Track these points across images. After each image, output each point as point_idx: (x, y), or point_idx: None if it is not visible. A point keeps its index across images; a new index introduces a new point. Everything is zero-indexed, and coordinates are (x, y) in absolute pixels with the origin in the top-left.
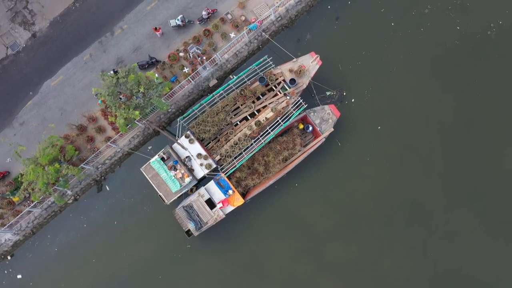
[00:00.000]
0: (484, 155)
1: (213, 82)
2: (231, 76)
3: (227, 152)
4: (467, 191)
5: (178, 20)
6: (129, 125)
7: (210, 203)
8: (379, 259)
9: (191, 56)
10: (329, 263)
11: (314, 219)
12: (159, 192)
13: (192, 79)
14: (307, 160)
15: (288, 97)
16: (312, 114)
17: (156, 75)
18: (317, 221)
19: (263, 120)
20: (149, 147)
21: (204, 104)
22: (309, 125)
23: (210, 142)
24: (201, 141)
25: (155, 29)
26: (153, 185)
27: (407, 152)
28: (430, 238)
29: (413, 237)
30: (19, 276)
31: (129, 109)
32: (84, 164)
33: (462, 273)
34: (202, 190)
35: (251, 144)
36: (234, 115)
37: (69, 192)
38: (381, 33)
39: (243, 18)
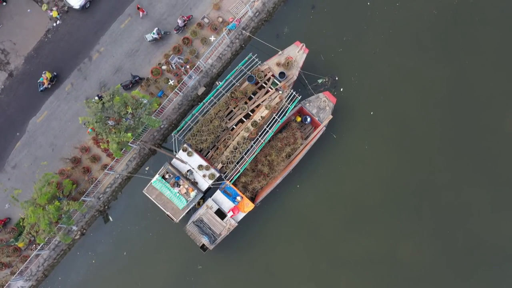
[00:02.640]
0: (483, 122)
1: (202, 90)
2: (217, 83)
3: (228, 159)
4: (472, 160)
5: (154, 33)
6: (123, 149)
7: (220, 214)
8: (395, 246)
9: (174, 67)
10: (346, 259)
11: (322, 218)
12: (166, 211)
13: (180, 91)
14: (305, 159)
15: (280, 92)
16: (307, 104)
17: (149, 97)
18: (325, 219)
19: (259, 119)
20: (147, 168)
21: (196, 114)
22: (307, 116)
23: (209, 152)
24: (200, 152)
25: (138, 8)
26: (158, 205)
27: (405, 132)
28: (444, 215)
29: (426, 217)
30: None
31: (120, 133)
32: (84, 197)
33: (483, 244)
34: (209, 201)
35: (251, 146)
36: (229, 119)
37: (74, 228)
38: (359, 16)
39: (220, 19)
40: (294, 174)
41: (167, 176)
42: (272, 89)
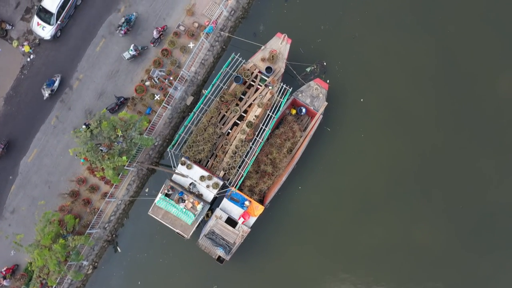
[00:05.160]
0: (477, 88)
1: (190, 99)
2: (203, 91)
3: (229, 164)
4: (473, 130)
5: (131, 50)
6: (121, 174)
7: (231, 222)
8: (409, 231)
9: (157, 81)
10: (361, 252)
11: (330, 215)
12: (175, 229)
13: (167, 104)
14: (303, 158)
15: (270, 87)
16: (300, 95)
17: (137, 116)
18: (334, 216)
19: (254, 119)
20: (146, 190)
21: (189, 125)
22: (302, 108)
23: (208, 161)
24: (199, 162)
25: None
26: (166, 224)
27: (399, 112)
28: (453, 191)
29: (435, 196)
30: None
31: (114, 158)
32: (89, 230)
33: (497, 214)
34: (218, 211)
35: (251, 148)
36: (223, 124)
37: (85, 262)
38: (332, 2)
39: (196, 24)
40: (295, 176)
41: (167, 191)
42: (261, 86)
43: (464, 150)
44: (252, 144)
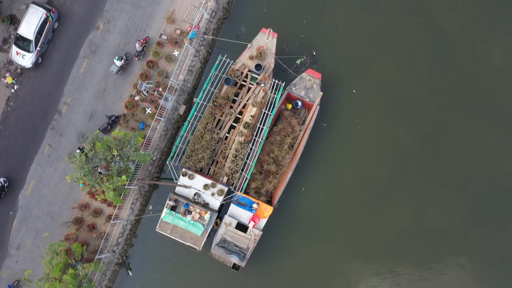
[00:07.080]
0: (469, 62)
1: (182, 108)
2: (194, 99)
3: (232, 169)
4: (472, 105)
5: (117, 59)
6: (122, 194)
7: (242, 227)
8: (422, 217)
9: (146, 94)
10: (377, 245)
11: (339, 212)
12: (185, 242)
13: (160, 116)
14: (302, 159)
15: (262, 85)
16: (294, 88)
17: (131, 133)
18: (343, 212)
19: (250, 119)
20: (150, 207)
21: (185, 134)
22: (297, 101)
23: (210, 168)
24: (201, 171)
25: None
26: (176, 239)
27: (394, 98)
28: (460, 169)
29: (442, 178)
30: None
31: (113, 178)
32: (98, 255)
33: (510, 183)
34: (226, 218)
35: (251, 149)
36: (219, 129)
37: None
38: None
39: (178, 31)
40: (296, 177)
41: (172, 203)
42: (253, 84)
43: (464, 126)
44: (252, 145)
